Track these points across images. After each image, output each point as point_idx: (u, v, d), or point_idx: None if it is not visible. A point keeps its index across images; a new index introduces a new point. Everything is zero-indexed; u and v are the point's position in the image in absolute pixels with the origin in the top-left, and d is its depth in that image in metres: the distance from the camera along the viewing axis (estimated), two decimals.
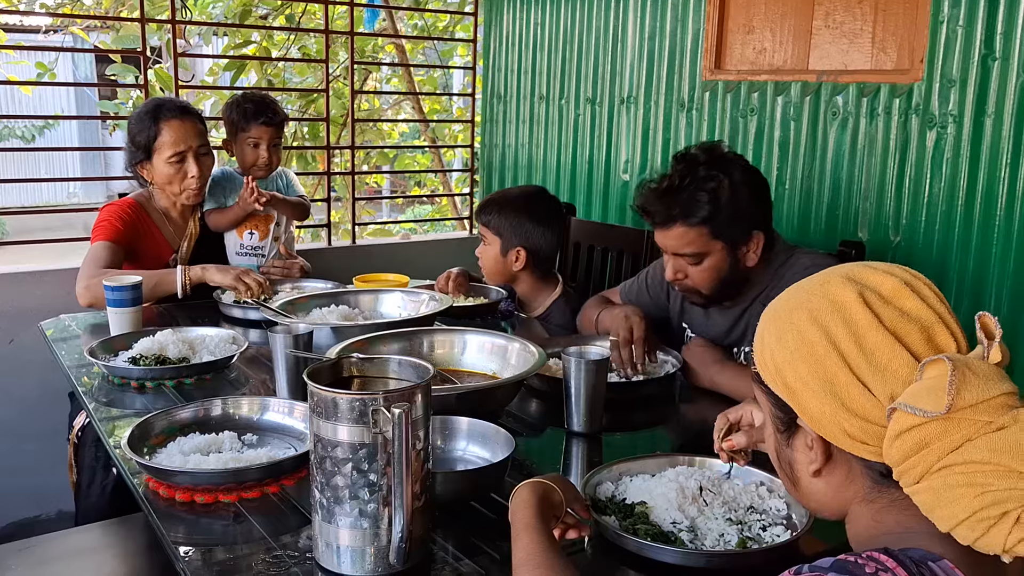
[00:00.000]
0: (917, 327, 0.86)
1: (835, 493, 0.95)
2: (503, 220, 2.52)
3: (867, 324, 0.87)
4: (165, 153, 2.64)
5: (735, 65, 2.79)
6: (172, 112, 2.66)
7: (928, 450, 0.80)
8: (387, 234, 5.27)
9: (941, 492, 0.79)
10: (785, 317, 0.93)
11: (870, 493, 0.91)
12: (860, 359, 0.86)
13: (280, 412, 1.68)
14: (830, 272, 0.94)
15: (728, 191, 1.89)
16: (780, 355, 0.92)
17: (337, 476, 1.14)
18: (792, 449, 0.97)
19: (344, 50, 4.55)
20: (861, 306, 0.88)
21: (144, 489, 1.43)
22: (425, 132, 5.43)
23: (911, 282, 0.90)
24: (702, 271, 1.97)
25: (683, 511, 1.29)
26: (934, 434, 0.79)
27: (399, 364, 1.29)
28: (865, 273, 0.91)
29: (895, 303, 0.88)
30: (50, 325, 2.40)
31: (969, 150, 2.18)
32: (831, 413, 0.87)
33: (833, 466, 0.93)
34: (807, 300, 0.92)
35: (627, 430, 1.82)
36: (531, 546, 1.07)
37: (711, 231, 1.91)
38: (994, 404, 0.79)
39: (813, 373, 0.88)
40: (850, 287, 0.89)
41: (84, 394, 1.88)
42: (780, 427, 0.98)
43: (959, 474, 0.78)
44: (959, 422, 0.79)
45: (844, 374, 0.86)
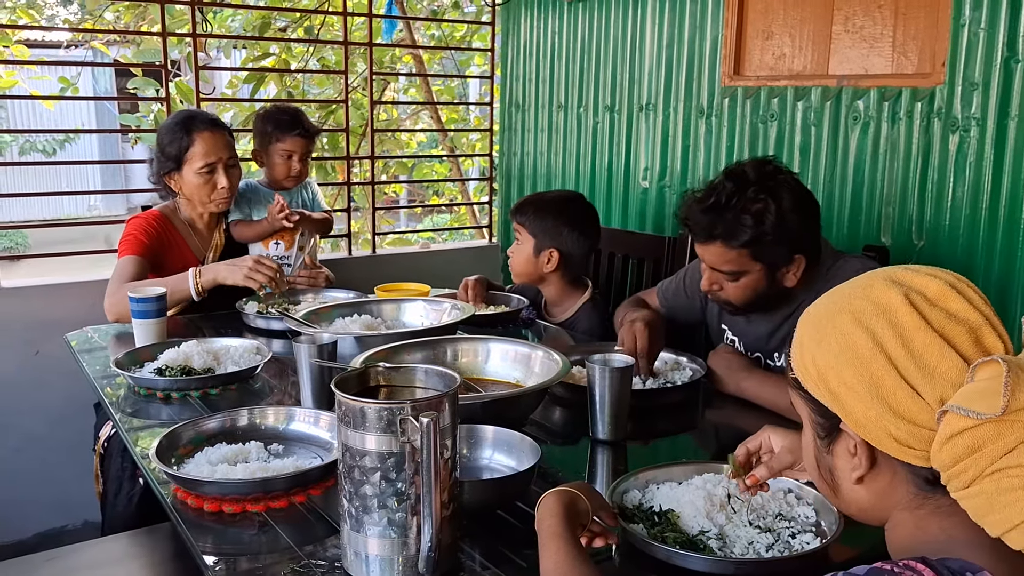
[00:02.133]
0: (965, 329, 0.85)
1: (877, 500, 0.93)
2: (539, 221, 2.53)
3: (914, 326, 0.85)
4: (196, 164, 2.66)
5: (754, 71, 2.79)
6: (204, 124, 2.69)
7: (981, 453, 0.78)
8: (406, 243, 5.28)
9: (994, 496, 0.78)
10: (827, 321, 0.92)
11: (914, 500, 0.90)
12: (908, 361, 0.84)
13: (306, 422, 1.68)
14: (871, 275, 0.93)
15: (774, 216, 1.84)
16: (822, 359, 0.91)
17: (365, 485, 1.14)
18: (833, 456, 0.96)
19: (362, 61, 4.58)
20: (907, 308, 0.86)
21: (172, 499, 1.43)
22: (443, 141, 5.45)
23: (956, 284, 0.89)
24: (738, 287, 1.95)
25: (711, 519, 1.29)
26: (988, 436, 0.78)
27: (425, 373, 1.29)
28: (908, 276, 0.90)
29: (941, 305, 0.87)
30: (75, 337, 2.42)
31: (993, 153, 2.17)
32: (877, 417, 0.86)
33: (876, 472, 0.92)
34: (849, 303, 0.91)
35: (652, 438, 1.81)
36: (559, 555, 1.07)
37: (752, 253, 1.88)
38: None
39: (858, 376, 0.87)
40: (895, 289, 0.88)
41: (110, 405, 1.90)
42: (821, 433, 0.96)
43: (1014, 477, 0.77)
44: (1013, 424, 0.77)
45: (891, 377, 0.85)
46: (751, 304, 1.98)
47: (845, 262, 1.97)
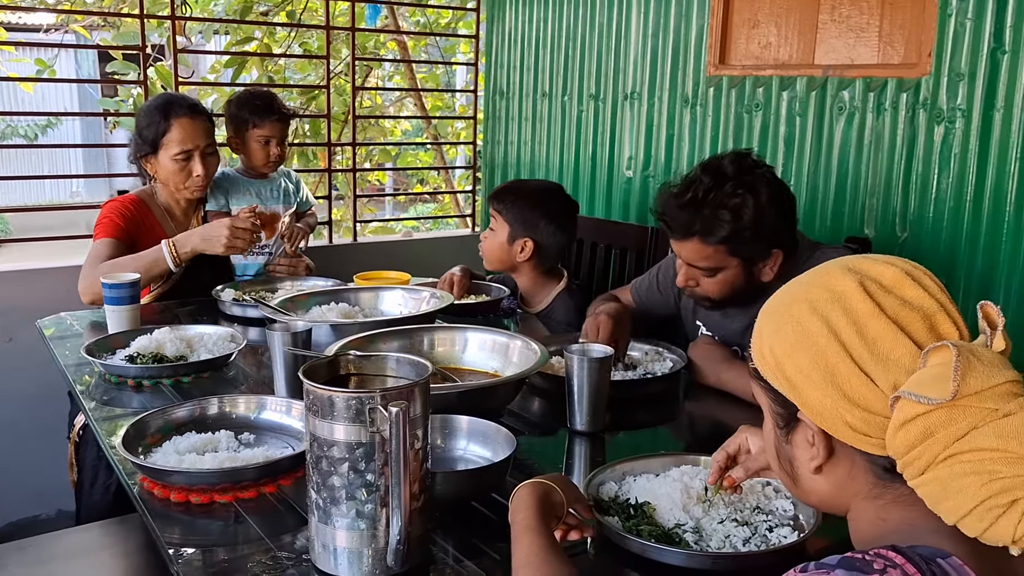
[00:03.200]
0: (919, 315, 0.85)
1: (837, 490, 0.93)
2: (516, 210, 2.50)
3: (868, 313, 0.85)
4: (172, 150, 2.62)
5: (740, 60, 2.76)
6: (182, 109, 2.65)
7: (933, 439, 0.78)
8: (389, 232, 5.25)
9: (947, 482, 0.78)
10: (784, 310, 0.92)
11: (873, 489, 0.89)
12: (862, 348, 0.84)
13: (278, 411, 1.65)
14: (829, 264, 0.93)
15: (752, 211, 1.82)
16: (779, 348, 0.91)
17: (334, 476, 1.12)
18: (792, 445, 0.95)
19: (345, 46, 4.53)
20: (862, 295, 0.86)
21: (139, 489, 1.40)
22: (427, 129, 5.41)
23: (911, 272, 0.88)
24: (714, 283, 1.93)
25: (688, 511, 1.27)
26: (939, 422, 0.77)
27: (397, 362, 1.26)
28: (865, 264, 0.90)
29: (896, 292, 0.86)
30: (49, 324, 2.38)
31: (978, 145, 2.15)
32: (832, 405, 0.86)
33: (835, 462, 0.91)
34: (806, 292, 0.91)
35: (631, 429, 1.79)
36: (531, 547, 1.05)
37: (729, 249, 1.86)
38: (999, 391, 0.77)
39: (814, 364, 0.87)
40: (850, 276, 0.88)
41: (81, 393, 1.86)
42: (780, 423, 0.96)
43: (966, 462, 0.77)
44: (965, 409, 0.77)
45: (846, 364, 0.85)
46: (728, 299, 1.96)
47: (823, 253, 1.95)
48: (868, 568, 0.77)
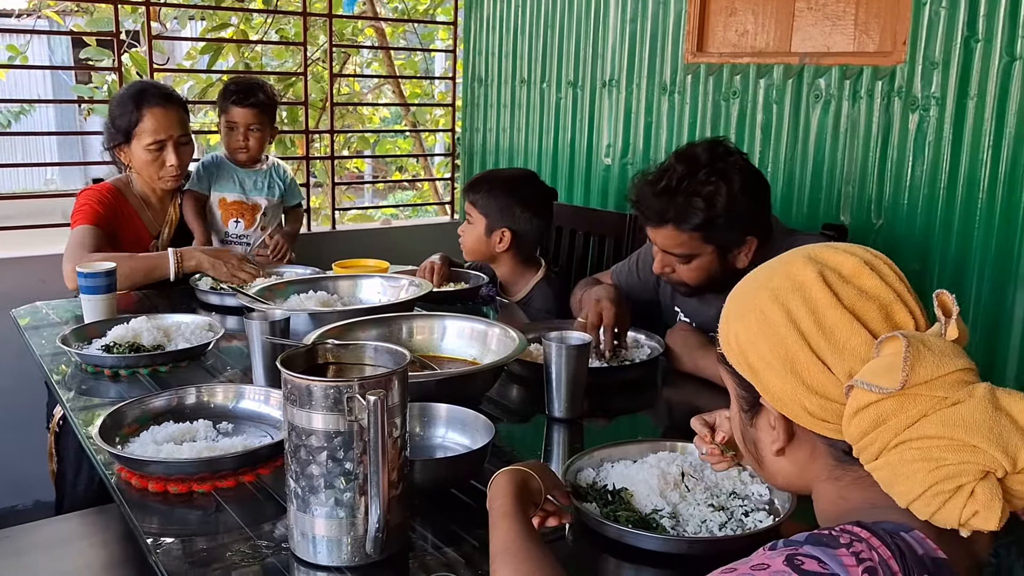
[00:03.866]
0: (875, 305, 0.87)
1: (800, 471, 0.96)
2: (492, 200, 2.49)
3: (826, 303, 0.87)
4: (144, 140, 2.60)
5: (717, 48, 2.77)
6: (156, 99, 2.62)
7: (885, 426, 0.81)
8: (368, 219, 5.23)
9: (898, 468, 0.81)
10: (747, 297, 0.95)
11: (834, 471, 0.91)
12: (819, 337, 0.86)
13: (256, 400, 1.65)
14: (793, 252, 0.95)
15: (725, 199, 1.83)
16: (743, 335, 0.93)
17: (312, 465, 1.12)
18: (756, 429, 0.98)
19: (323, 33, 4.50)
20: (821, 284, 0.88)
21: (117, 479, 1.40)
22: (406, 116, 5.39)
23: (871, 261, 0.91)
24: (690, 269, 1.95)
25: (665, 497, 1.28)
26: (890, 410, 0.80)
27: (375, 350, 1.26)
28: (826, 253, 0.92)
29: (854, 282, 0.89)
30: (25, 313, 2.36)
31: (951, 133, 2.17)
32: (792, 391, 0.88)
33: (796, 445, 0.94)
34: (769, 280, 0.93)
35: (609, 416, 1.80)
36: (509, 534, 1.05)
37: (703, 236, 1.88)
38: (950, 380, 0.80)
39: (774, 352, 0.89)
40: (811, 266, 0.90)
41: (58, 383, 1.85)
42: (744, 406, 0.99)
43: (915, 449, 0.80)
44: (915, 398, 0.80)
45: (804, 352, 0.87)
46: (703, 285, 1.98)
47: (796, 240, 1.96)
48: (835, 543, 0.79)
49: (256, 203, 2.92)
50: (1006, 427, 0.78)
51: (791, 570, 0.77)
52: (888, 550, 0.78)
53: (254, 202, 2.92)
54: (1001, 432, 0.78)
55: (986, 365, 2.16)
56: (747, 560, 0.82)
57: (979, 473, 0.78)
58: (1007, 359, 2.12)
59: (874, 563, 0.76)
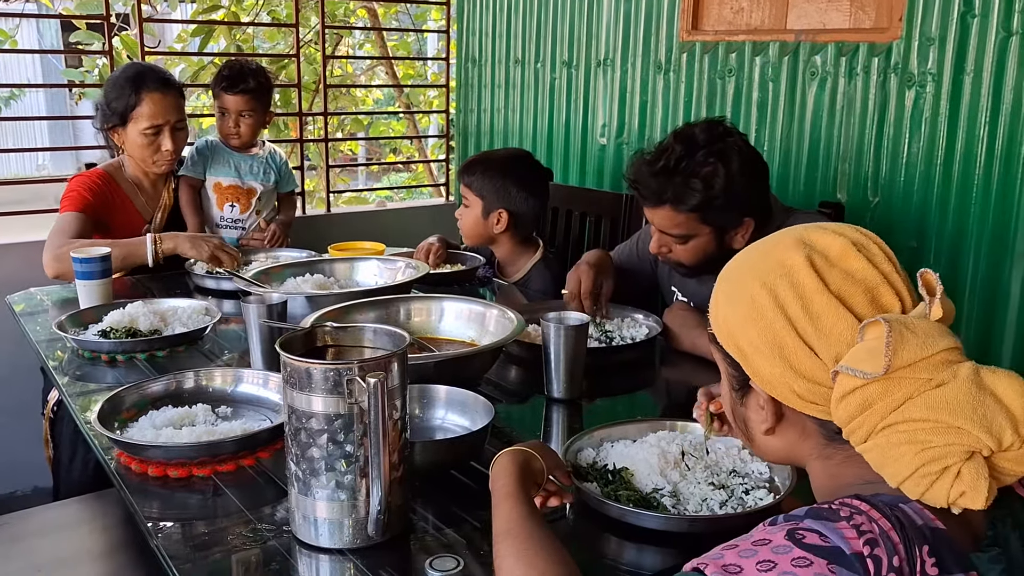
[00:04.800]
0: (861, 289, 0.88)
1: (790, 449, 0.97)
2: (487, 182, 2.48)
3: (813, 288, 0.88)
4: (141, 124, 2.59)
5: (712, 25, 2.76)
6: (154, 84, 2.60)
7: (871, 410, 0.82)
8: (362, 202, 5.20)
9: (886, 450, 0.82)
10: (737, 280, 0.95)
11: (825, 449, 0.92)
12: (806, 323, 0.87)
13: (255, 383, 1.65)
14: (782, 234, 0.95)
15: (723, 180, 1.83)
16: (732, 318, 0.94)
17: (312, 448, 1.12)
18: (746, 408, 0.99)
19: (315, 14, 4.47)
20: (808, 269, 0.88)
21: (116, 464, 1.40)
22: (399, 98, 5.36)
23: (859, 242, 0.91)
24: (687, 250, 1.95)
25: (665, 476, 1.28)
26: (876, 394, 0.81)
27: (374, 332, 1.26)
28: (815, 235, 0.92)
29: (841, 264, 0.89)
30: (19, 299, 2.35)
31: (948, 109, 2.17)
32: (780, 375, 0.89)
33: (786, 424, 0.95)
34: (758, 263, 0.93)
35: (608, 395, 1.80)
36: (511, 514, 1.06)
37: (700, 217, 1.87)
38: (934, 361, 0.81)
39: (763, 336, 0.90)
40: (799, 250, 0.90)
41: (54, 369, 1.84)
42: (735, 386, 1.00)
43: (901, 432, 0.81)
44: (899, 381, 0.81)
45: (792, 338, 0.88)
46: (700, 266, 1.98)
47: (796, 219, 1.96)
48: (835, 516, 0.79)
49: (251, 187, 2.91)
50: (990, 407, 0.79)
51: (792, 544, 0.77)
52: (888, 521, 0.79)
53: (249, 186, 2.91)
54: (985, 412, 0.79)
55: (982, 341, 2.16)
56: (748, 536, 0.82)
57: (964, 454, 0.79)
58: (1003, 335, 2.13)
59: (875, 535, 0.77)
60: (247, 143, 2.92)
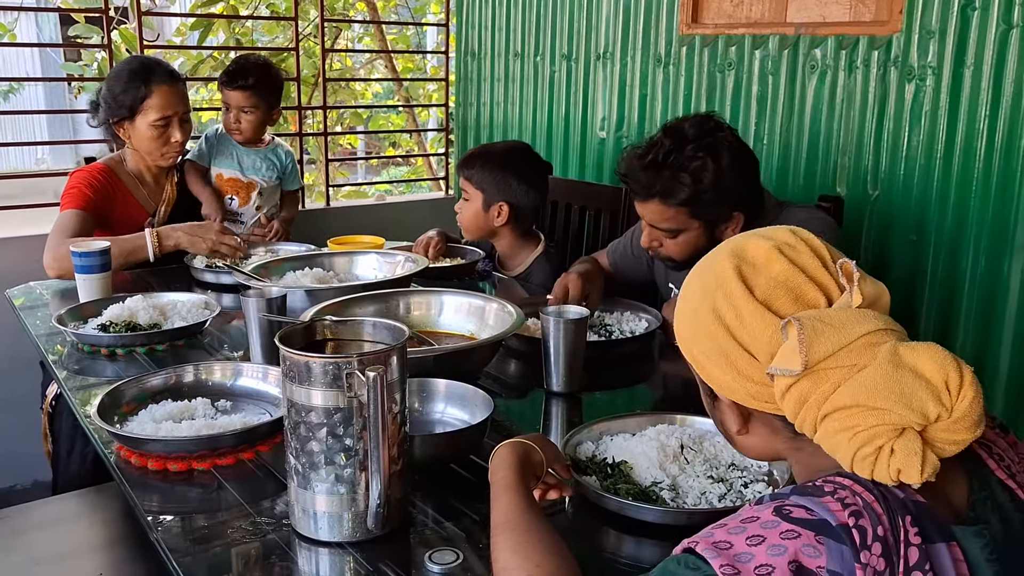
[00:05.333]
0: (784, 291, 0.91)
1: (766, 445, 0.99)
2: (486, 175, 2.47)
3: (740, 295, 0.91)
4: (151, 116, 2.59)
5: (712, 19, 2.75)
6: (163, 76, 2.62)
7: (808, 404, 0.86)
8: (362, 196, 5.21)
9: (828, 439, 0.85)
10: (687, 295, 0.99)
11: (794, 442, 0.95)
12: (741, 330, 0.91)
13: (254, 377, 1.65)
14: (723, 245, 0.98)
15: (712, 174, 1.84)
16: (685, 331, 0.98)
17: (312, 441, 1.12)
18: (719, 411, 1.02)
19: (314, 7, 4.46)
20: (736, 279, 0.92)
21: (116, 458, 1.40)
22: (399, 92, 5.35)
23: (786, 243, 0.94)
24: (677, 244, 1.96)
25: (664, 469, 1.28)
26: (808, 389, 0.85)
27: (374, 326, 1.26)
28: (747, 243, 0.96)
29: (765, 270, 0.92)
30: (19, 293, 2.35)
31: (948, 102, 2.16)
32: (732, 380, 0.93)
33: (756, 423, 0.98)
34: (701, 278, 0.97)
35: (607, 389, 1.80)
36: (510, 507, 1.06)
37: (690, 211, 1.88)
38: (856, 347, 0.84)
39: (711, 346, 0.94)
40: (730, 261, 0.94)
41: (54, 363, 1.84)
42: (706, 392, 1.03)
43: (835, 420, 0.84)
44: (825, 372, 0.84)
45: (732, 345, 0.91)
46: (691, 261, 1.97)
47: (788, 212, 1.97)
48: (819, 491, 0.82)
49: (252, 181, 2.92)
50: (908, 383, 0.81)
51: (780, 519, 0.80)
52: (871, 494, 0.81)
53: (250, 180, 2.91)
54: (903, 389, 0.81)
55: (982, 334, 2.16)
56: (737, 515, 0.84)
57: (894, 432, 0.81)
58: (1003, 328, 2.13)
59: (859, 507, 0.79)
60: (249, 139, 2.92)
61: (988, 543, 0.84)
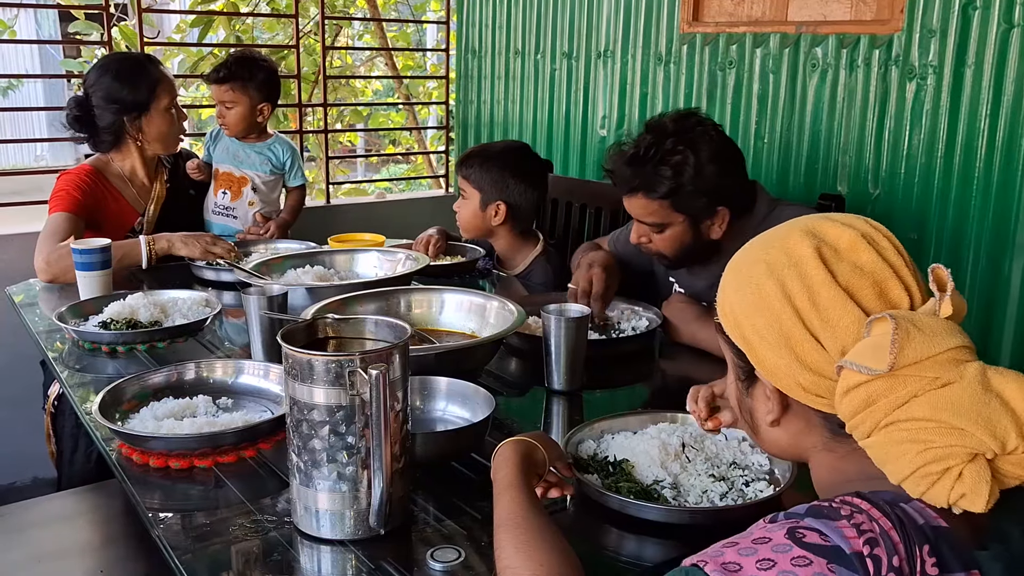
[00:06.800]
0: (869, 282, 0.87)
1: (794, 441, 0.96)
2: (485, 174, 2.47)
3: (821, 280, 0.87)
4: (164, 102, 2.64)
5: (713, 17, 2.75)
6: (156, 64, 2.70)
7: (875, 407, 0.81)
8: (362, 193, 5.20)
9: (888, 448, 0.81)
10: (745, 270, 0.94)
11: (829, 443, 0.92)
12: (813, 315, 0.86)
13: (255, 375, 1.65)
14: (792, 224, 0.94)
15: (693, 167, 1.86)
16: (739, 308, 0.93)
17: (314, 439, 1.12)
18: (752, 398, 0.98)
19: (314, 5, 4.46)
20: (816, 261, 0.88)
21: (117, 456, 1.40)
22: (399, 89, 5.35)
23: (869, 234, 0.90)
24: (664, 239, 1.98)
25: (666, 468, 1.28)
26: (880, 391, 0.81)
27: (376, 324, 1.26)
28: (824, 226, 0.91)
29: (850, 257, 0.88)
30: (19, 290, 2.35)
31: (949, 101, 2.16)
32: (786, 367, 0.89)
33: (791, 416, 0.94)
34: (766, 253, 0.92)
35: (608, 387, 1.81)
36: (512, 504, 1.06)
37: (673, 204, 1.90)
38: (941, 360, 0.80)
39: (769, 327, 0.89)
40: (808, 241, 0.89)
41: (54, 360, 1.84)
42: (741, 376, 0.99)
43: (904, 430, 0.80)
44: (904, 379, 0.80)
45: (798, 329, 0.87)
46: (680, 257, 2.02)
47: (781, 211, 1.97)
48: (835, 515, 0.79)
49: (244, 176, 2.91)
50: (995, 409, 0.78)
51: (792, 543, 0.77)
52: (888, 521, 0.78)
53: (243, 175, 2.91)
54: (990, 415, 0.78)
55: (982, 334, 2.16)
56: (748, 533, 0.82)
57: (967, 456, 0.78)
58: (1003, 327, 2.13)
59: (875, 534, 0.77)
60: (236, 133, 2.91)
61: (1007, 565, 0.82)
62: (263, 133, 2.96)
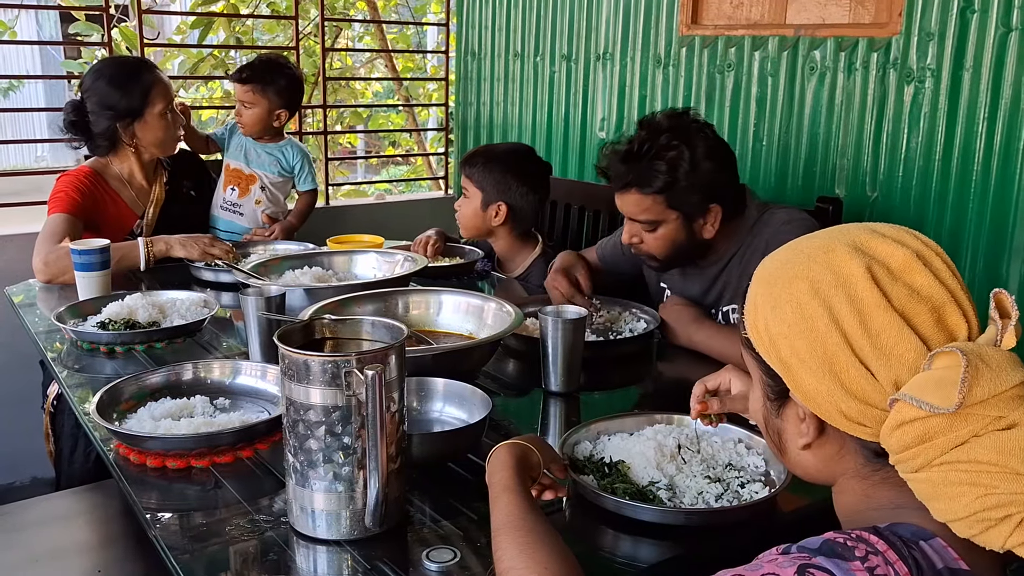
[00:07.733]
0: (927, 307, 0.80)
1: (825, 466, 0.91)
2: (487, 174, 2.48)
3: (874, 303, 0.80)
4: (159, 106, 2.62)
5: (712, 20, 2.75)
6: (150, 67, 2.68)
7: (931, 444, 0.76)
8: (362, 195, 5.21)
9: (941, 487, 0.76)
10: (783, 285, 0.87)
11: (862, 469, 0.87)
12: (864, 341, 0.80)
13: (253, 375, 1.65)
14: (835, 238, 0.87)
15: (687, 163, 1.87)
16: (776, 327, 0.86)
17: (310, 440, 1.12)
18: (782, 419, 0.93)
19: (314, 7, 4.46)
20: (868, 282, 0.81)
21: (115, 456, 1.40)
22: (399, 91, 5.35)
23: (923, 253, 0.83)
24: (656, 238, 1.97)
25: (661, 469, 1.29)
26: (939, 429, 0.75)
27: (372, 325, 1.26)
28: (874, 242, 0.84)
29: (905, 279, 0.82)
30: (18, 291, 2.35)
31: (947, 104, 2.17)
32: (828, 393, 0.83)
33: (824, 440, 0.89)
34: (808, 269, 0.85)
35: (605, 389, 1.81)
36: (510, 508, 1.06)
37: (666, 201, 1.90)
38: (1005, 397, 0.74)
39: (811, 350, 0.83)
40: (857, 259, 0.82)
41: (53, 360, 1.85)
42: (771, 395, 0.93)
43: (962, 472, 0.75)
44: (967, 417, 0.74)
45: (845, 355, 0.81)
46: (672, 258, 2.01)
47: (771, 214, 1.97)
48: (849, 554, 0.75)
49: (253, 174, 2.95)
50: None
51: None
52: (905, 565, 0.75)
53: (252, 173, 2.95)
54: None
55: None
56: (756, 565, 0.78)
57: None
58: None
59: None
60: (251, 132, 2.96)
61: None
62: (277, 135, 2.99)
